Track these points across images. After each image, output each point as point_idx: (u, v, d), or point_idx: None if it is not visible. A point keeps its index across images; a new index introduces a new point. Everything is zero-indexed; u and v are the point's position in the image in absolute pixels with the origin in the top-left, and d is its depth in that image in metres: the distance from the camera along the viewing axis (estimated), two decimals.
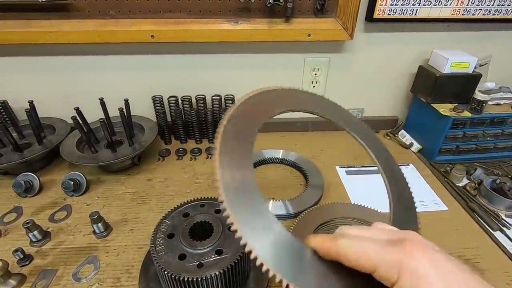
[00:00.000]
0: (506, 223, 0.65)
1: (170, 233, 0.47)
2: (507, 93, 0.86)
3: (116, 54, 0.84)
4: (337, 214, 0.60)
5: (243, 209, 0.28)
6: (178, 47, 0.83)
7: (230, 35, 0.78)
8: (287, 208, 0.66)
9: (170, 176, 0.78)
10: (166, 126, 0.89)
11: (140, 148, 0.76)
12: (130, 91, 0.87)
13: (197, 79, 0.89)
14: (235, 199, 0.28)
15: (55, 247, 0.58)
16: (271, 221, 0.28)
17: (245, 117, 0.35)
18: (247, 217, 0.27)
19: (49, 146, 0.76)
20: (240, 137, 0.33)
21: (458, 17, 0.81)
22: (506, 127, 0.82)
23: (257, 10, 0.77)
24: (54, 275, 0.53)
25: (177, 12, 0.77)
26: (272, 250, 0.27)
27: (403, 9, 0.78)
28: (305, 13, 0.79)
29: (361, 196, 0.71)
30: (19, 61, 0.83)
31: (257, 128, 0.35)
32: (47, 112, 0.87)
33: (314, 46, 0.85)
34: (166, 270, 0.41)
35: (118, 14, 0.76)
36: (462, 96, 0.82)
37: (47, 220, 0.64)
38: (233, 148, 0.31)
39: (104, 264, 0.55)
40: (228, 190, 0.28)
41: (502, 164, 0.84)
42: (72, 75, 0.87)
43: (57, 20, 0.75)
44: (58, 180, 0.74)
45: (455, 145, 0.83)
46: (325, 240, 0.27)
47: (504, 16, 0.81)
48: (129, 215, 0.66)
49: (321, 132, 0.98)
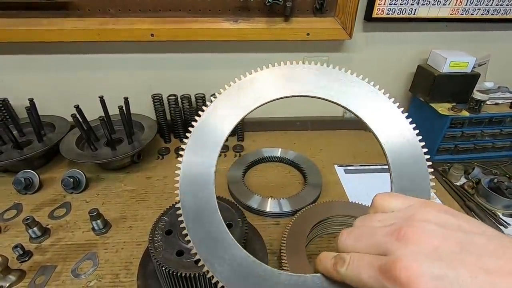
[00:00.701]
0: (503, 222, 0.66)
1: (168, 229, 0.48)
2: (506, 92, 0.86)
3: (116, 52, 0.84)
4: (334, 212, 0.61)
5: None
6: (178, 46, 0.84)
7: (229, 34, 0.78)
8: (285, 206, 0.66)
9: (169, 174, 0.78)
10: (166, 124, 0.90)
11: (139, 146, 0.76)
12: (130, 90, 0.87)
13: (197, 78, 0.90)
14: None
15: (54, 243, 0.59)
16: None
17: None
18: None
19: (49, 143, 0.77)
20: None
21: (456, 17, 0.81)
22: (504, 126, 0.82)
23: (257, 9, 0.77)
24: (53, 271, 0.53)
25: (177, 11, 0.77)
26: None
27: (401, 8, 0.78)
28: (304, 12, 0.79)
29: (359, 194, 0.72)
30: (19, 59, 0.84)
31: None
32: (47, 110, 0.88)
33: (313, 46, 0.86)
34: (164, 266, 0.42)
35: (118, 13, 0.76)
36: (461, 95, 0.82)
37: (47, 217, 0.65)
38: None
39: (103, 260, 0.55)
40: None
41: (500, 163, 0.84)
42: (72, 73, 0.87)
43: (57, 19, 0.76)
44: (57, 178, 0.75)
45: (454, 144, 0.84)
46: (328, 270, 0.27)
47: (502, 16, 0.81)
48: (128, 213, 0.66)
49: (320, 131, 0.98)
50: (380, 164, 0.82)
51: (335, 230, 0.61)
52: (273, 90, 0.35)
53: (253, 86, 0.35)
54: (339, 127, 0.99)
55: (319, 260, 0.29)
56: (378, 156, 0.85)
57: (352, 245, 0.26)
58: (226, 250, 0.29)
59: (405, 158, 0.32)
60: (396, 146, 0.33)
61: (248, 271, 0.29)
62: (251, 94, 0.35)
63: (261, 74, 0.36)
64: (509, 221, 0.66)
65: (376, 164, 0.82)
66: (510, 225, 0.65)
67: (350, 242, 0.27)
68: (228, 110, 0.34)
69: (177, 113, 0.87)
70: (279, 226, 0.63)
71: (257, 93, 0.35)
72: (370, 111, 0.35)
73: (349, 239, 0.27)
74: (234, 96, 0.35)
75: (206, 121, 0.34)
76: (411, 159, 0.32)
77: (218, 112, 0.34)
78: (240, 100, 0.35)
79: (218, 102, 0.35)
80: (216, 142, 0.33)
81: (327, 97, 0.36)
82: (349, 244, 0.27)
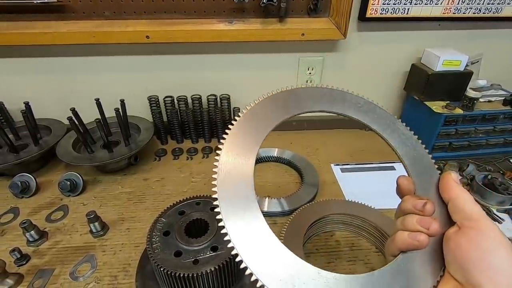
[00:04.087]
0: (497, 217, 0.67)
1: (166, 230, 0.48)
2: (498, 90, 0.88)
3: (111, 55, 0.84)
4: (331, 210, 0.61)
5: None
6: (173, 48, 0.84)
7: (224, 35, 0.79)
8: (282, 206, 0.67)
9: (167, 176, 0.78)
10: (162, 126, 0.90)
11: (136, 148, 0.76)
12: (126, 92, 0.87)
13: (193, 79, 0.90)
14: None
15: (52, 246, 0.59)
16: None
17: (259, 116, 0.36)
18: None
19: (45, 147, 0.76)
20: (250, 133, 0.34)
21: (449, 16, 0.82)
22: (498, 123, 0.83)
23: (251, 10, 0.78)
24: (51, 274, 0.53)
25: (172, 12, 0.77)
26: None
27: (395, 8, 0.79)
28: (299, 13, 0.79)
29: (355, 193, 0.72)
30: (14, 63, 0.84)
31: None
32: (43, 113, 0.87)
33: (308, 46, 0.86)
34: (162, 267, 0.42)
35: (113, 15, 0.76)
36: (454, 93, 0.83)
37: (44, 220, 0.65)
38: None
39: (101, 262, 0.55)
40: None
41: (494, 160, 0.85)
42: (68, 76, 0.87)
43: (52, 22, 0.75)
44: (54, 181, 0.75)
45: (448, 142, 0.85)
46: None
47: (494, 14, 0.82)
48: (125, 215, 0.66)
49: (316, 131, 0.99)
50: (375, 163, 0.83)
51: (332, 229, 0.62)
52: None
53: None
54: (335, 126, 0.99)
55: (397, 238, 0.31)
56: (374, 155, 0.86)
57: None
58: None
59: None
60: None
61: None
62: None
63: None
64: (503, 217, 0.67)
65: (372, 163, 0.83)
66: (504, 220, 0.66)
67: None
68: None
69: (173, 115, 0.87)
70: (277, 225, 0.64)
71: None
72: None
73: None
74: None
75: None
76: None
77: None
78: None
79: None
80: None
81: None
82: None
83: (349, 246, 0.59)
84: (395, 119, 0.40)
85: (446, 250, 0.30)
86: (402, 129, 0.39)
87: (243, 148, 0.33)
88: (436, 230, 0.29)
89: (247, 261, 0.27)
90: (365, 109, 0.40)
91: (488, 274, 0.25)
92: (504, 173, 0.78)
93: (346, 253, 0.58)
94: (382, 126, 0.39)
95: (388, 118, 0.39)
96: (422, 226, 0.29)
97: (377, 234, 0.58)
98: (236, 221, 0.29)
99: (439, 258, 0.30)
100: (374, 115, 0.39)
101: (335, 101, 0.39)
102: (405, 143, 0.38)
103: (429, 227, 0.29)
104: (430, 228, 0.29)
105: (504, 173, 0.78)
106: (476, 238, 0.27)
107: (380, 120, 0.39)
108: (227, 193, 0.30)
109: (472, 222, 0.28)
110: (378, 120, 0.39)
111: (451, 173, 0.33)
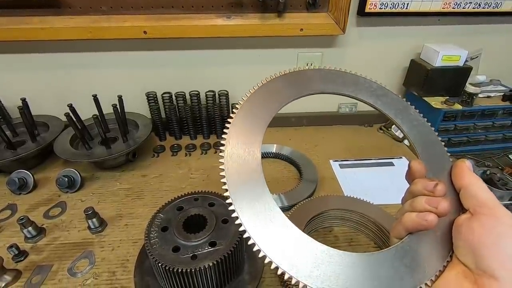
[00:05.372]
0: None
1: (164, 226, 0.48)
2: (498, 85, 0.88)
3: (108, 50, 0.84)
4: (330, 206, 0.61)
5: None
6: (171, 43, 0.83)
7: (223, 30, 0.78)
8: (281, 201, 0.66)
9: (165, 172, 0.78)
10: (161, 122, 0.89)
11: (134, 144, 0.76)
12: (123, 88, 0.87)
13: (191, 75, 0.89)
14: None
15: (50, 243, 0.58)
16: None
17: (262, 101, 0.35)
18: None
19: (42, 143, 0.76)
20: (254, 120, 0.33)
21: (448, 11, 0.81)
22: (497, 119, 0.83)
23: (250, 5, 0.77)
24: (49, 270, 0.53)
25: (169, 7, 0.77)
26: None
27: (394, 3, 0.78)
28: (297, 8, 0.79)
29: (354, 188, 0.72)
30: (11, 59, 0.83)
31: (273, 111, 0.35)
32: (40, 110, 0.87)
33: (307, 41, 0.86)
34: (161, 262, 0.42)
35: (110, 10, 0.76)
36: (453, 89, 0.83)
37: (42, 216, 0.64)
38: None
39: (100, 258, 0.55)
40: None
41: (493, 155, 0.85)
42: (65, 72, 0.86)
43: (48, 17, 0.75)
44: (52, 177, 0.74)
45: (447, 137, 0.84)
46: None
47: (493, 9, 0.82)
48: (124, 211, 0.66)
49: (315, 127, 0.98)
50: (374, 159, 0.83)
51: (331, 224, 0.62)
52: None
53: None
54: (334, 122, 0.99)
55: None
56: (373, 151, 0.86)
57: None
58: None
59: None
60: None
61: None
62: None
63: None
64: None
65: (370, 159, 0.83)
66: None
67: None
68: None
69: (171, 111, 0.87)
70: None
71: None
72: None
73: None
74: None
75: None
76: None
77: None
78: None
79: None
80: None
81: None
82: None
83: (348, 241, 0.59)
84: (408, 105, 0.38)
85: (456, 235, 0.29)
86: (415, 115, 0.38)
87: (251, 126, 0.33)
88: (445, 209, 0.29)
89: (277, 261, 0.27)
90: (378, 94, 0.39)
91: (500, 259, 0.25)
92: (503, 168, 0.78)
93: (344, 248, 0.57)
94: (394, 111, 0.38)
95: (400, 104, 0.38)
96: (431, 205, 0.29)
97: (376, 230, 0.58)
98: (255, 220, 0.29)
99: (447, 243, 0.30)
100: (387, 100, 0.38)
101: (347, 84, 0.38)
102: (418, 129, 0.37)
103: (437, 206, 0.29)
104: (438, 207, 0.29)
105: (503, 168, 0.78)
106: (491, 224, 0.27)
107: (393, 105, 0.38)
108: (239, 188, 0.31)
109: (485, 209, 0.28)
110: (390, 104, 0.38)
111: (465, 161, 0.32)
